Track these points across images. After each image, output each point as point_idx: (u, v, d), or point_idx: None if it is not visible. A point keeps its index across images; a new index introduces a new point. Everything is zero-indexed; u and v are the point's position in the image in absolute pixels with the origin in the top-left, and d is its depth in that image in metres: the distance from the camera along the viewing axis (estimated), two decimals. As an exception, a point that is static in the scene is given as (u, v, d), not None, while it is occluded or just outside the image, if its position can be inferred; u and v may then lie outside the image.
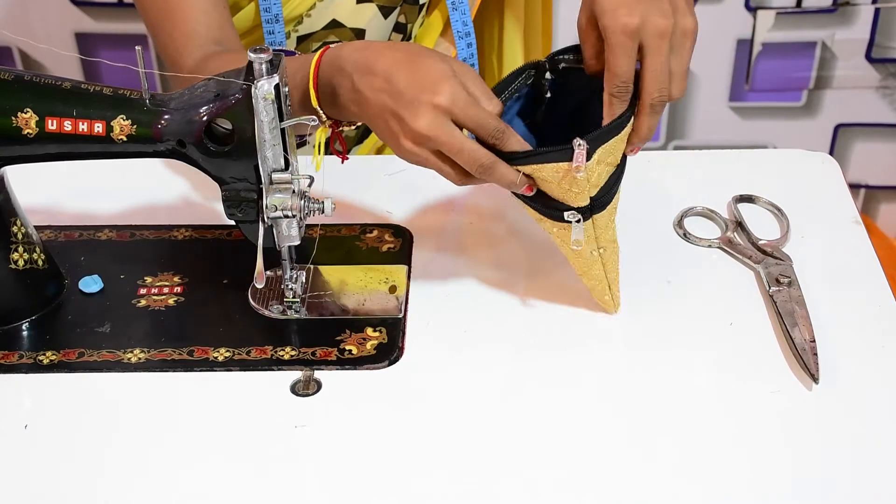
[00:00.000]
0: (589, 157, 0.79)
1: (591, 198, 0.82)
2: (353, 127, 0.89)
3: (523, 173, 0.81)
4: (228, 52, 0.99)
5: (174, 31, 1.00)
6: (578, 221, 0.82)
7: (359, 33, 1.13)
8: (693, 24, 0.83)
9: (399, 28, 1.15)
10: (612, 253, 0.87)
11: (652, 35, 0.80)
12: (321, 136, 0.88)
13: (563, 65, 0.88)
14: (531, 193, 0.83)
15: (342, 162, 0.92)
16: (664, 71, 0.81)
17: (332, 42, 1.11)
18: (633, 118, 0.83)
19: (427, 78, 0.80)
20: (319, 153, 0.88)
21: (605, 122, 0.82)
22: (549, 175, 0.80)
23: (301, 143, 0.90)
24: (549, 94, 0.89)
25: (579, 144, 0.78)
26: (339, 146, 0.90)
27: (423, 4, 1.14)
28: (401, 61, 0.81)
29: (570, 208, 0.82)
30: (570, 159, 0.79)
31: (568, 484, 0.75)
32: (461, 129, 0.81)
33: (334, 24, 1.12)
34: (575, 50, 0.87)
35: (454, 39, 1.14)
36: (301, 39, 1.12)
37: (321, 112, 0.86)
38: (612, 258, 0.87)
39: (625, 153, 0.84)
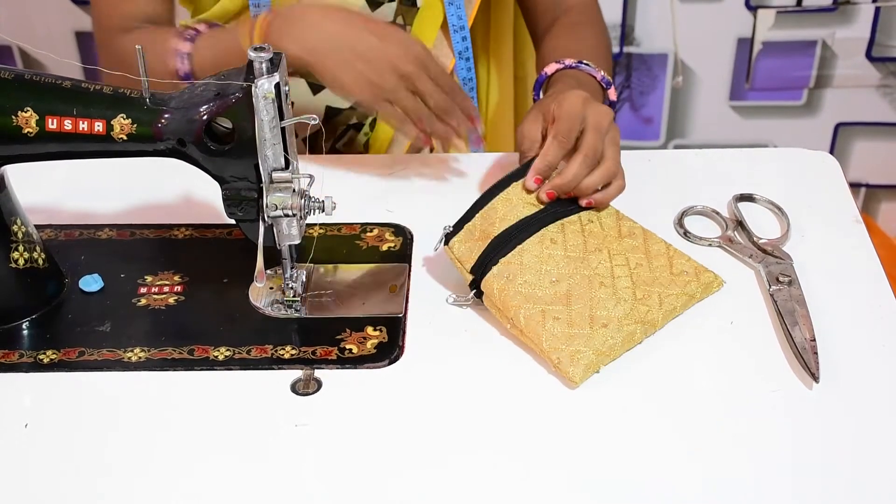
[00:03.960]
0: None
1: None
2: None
3: None
4: (158, 27, 1.10)
5: (111, 12, 1.10)
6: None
7: None
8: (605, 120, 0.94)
9: None
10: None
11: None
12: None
13: None
14: None
15: None
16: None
17: None
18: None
19: (382, 28, 0.99)
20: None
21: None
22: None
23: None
24: None
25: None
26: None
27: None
28: (347, 16, 0.99)
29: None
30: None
31: (568, 481, 0.75)
32: None
33: None
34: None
35: (450, 33, 1.15)
36: None
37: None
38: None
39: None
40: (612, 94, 1.07)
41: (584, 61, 1.06)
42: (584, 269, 0.88)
